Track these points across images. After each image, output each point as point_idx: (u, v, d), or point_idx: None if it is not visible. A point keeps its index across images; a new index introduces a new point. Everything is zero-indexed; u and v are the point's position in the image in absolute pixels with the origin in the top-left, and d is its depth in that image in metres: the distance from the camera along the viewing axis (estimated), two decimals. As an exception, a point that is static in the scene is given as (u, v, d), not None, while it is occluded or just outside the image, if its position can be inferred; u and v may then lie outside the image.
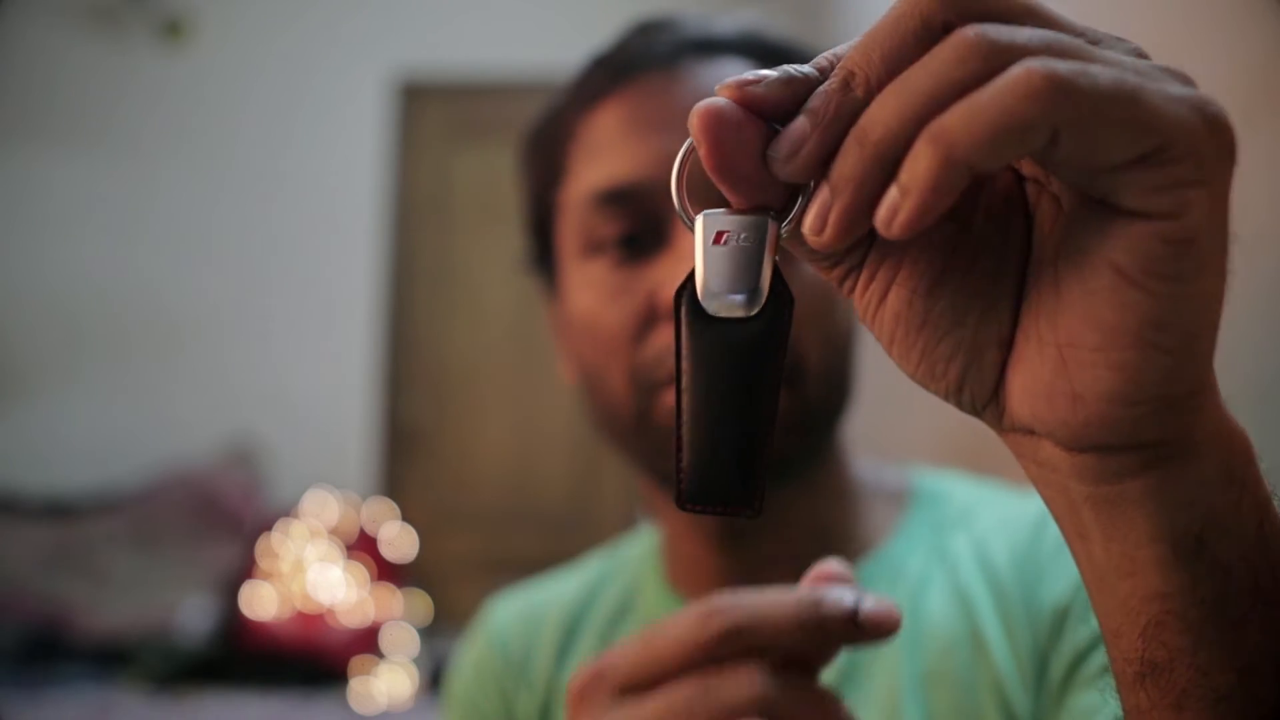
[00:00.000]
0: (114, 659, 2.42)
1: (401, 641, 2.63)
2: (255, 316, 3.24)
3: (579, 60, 0.57)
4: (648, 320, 0.50)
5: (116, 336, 3.19)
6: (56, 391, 3.15)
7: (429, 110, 3.32)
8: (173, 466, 2.99)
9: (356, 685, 2.44)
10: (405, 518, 3.16)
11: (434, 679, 2.39)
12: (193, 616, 2.56)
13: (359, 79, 3.27)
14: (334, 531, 2.86)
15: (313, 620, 2.55)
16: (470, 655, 0.64)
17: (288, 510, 2.95)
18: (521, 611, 0.63)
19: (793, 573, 0.54)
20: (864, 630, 0.31)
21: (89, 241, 3.20)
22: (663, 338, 0.50)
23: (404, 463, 3.26)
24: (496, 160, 3.28)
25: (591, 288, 0.52)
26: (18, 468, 2.99)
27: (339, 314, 3.25)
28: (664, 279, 0.49)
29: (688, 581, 0.57)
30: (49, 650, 2.41)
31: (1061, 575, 0.50)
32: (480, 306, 3.28)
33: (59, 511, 2.84)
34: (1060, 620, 0.48)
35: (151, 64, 3.21)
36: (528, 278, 0.67)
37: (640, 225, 0.50)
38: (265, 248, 3.25)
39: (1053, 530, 0.51)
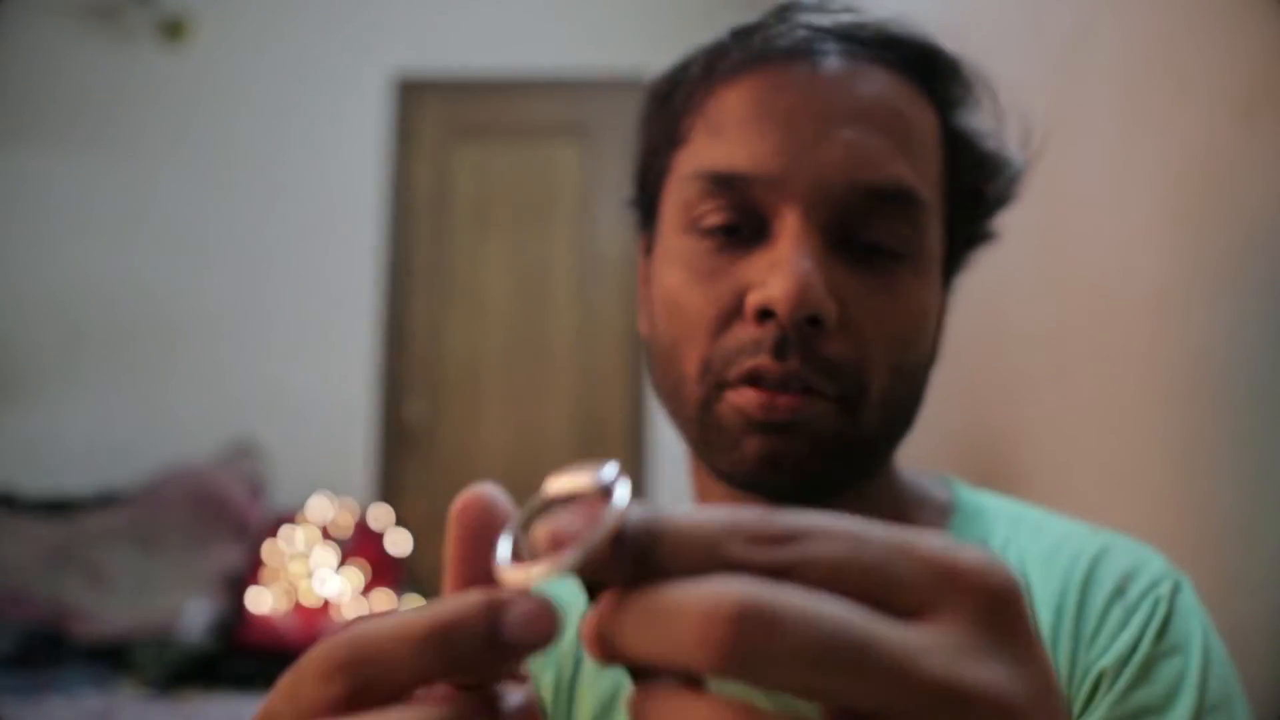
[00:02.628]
0: (115, 660, 2.42)
1: (402, 642, 2.63)
2: (255, 317, 3.24)
3: (582, 59, 0.56)
4: (730, 314, 0.50)
5: (116, 337, 3.19)
6: (57, 392, 3.15)
7: (428, 109, 3.32)
8: (173, 467, 2.98)
9: (357, 686, 2.44)
10: (405, 519, 3.16)
11: (434, 679, 2.39)
12: (194, 618, 2.56)
13: (358, 78, 3.28)
14: (334, 532, 2.86)
15: (313, 621, 2.55)
16: None
17: (288, 511, 2.95)
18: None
19: None
20: (512, 648, 0.23)
21: (89, 241, 3.20)
22: (740, 334, 0.49)
23: (404, 463, 3.26)
24: (497, 159, 3.28)
25: (683, 266, 0.52)
26: (19, 468, 2.99)
27: (339, 314, 3.25)
28: (754, 277, 0.49)
29: None
30: (50, 651, 2.40)
31: (1109, 635, 0.49)
32: (480, 307, 3.28)
33: (60, 512, 2.84)
34: (1095, 685, 0.48)
35: (151, 63, 3.21)
36: (528, 274, 0.66)
37: (743, 216, 0.50)
38: (265, 248, 3.25)
39: (1107, 580, 0.51)
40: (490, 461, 3.25)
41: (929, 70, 0.53)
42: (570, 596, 0.62)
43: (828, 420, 0.49)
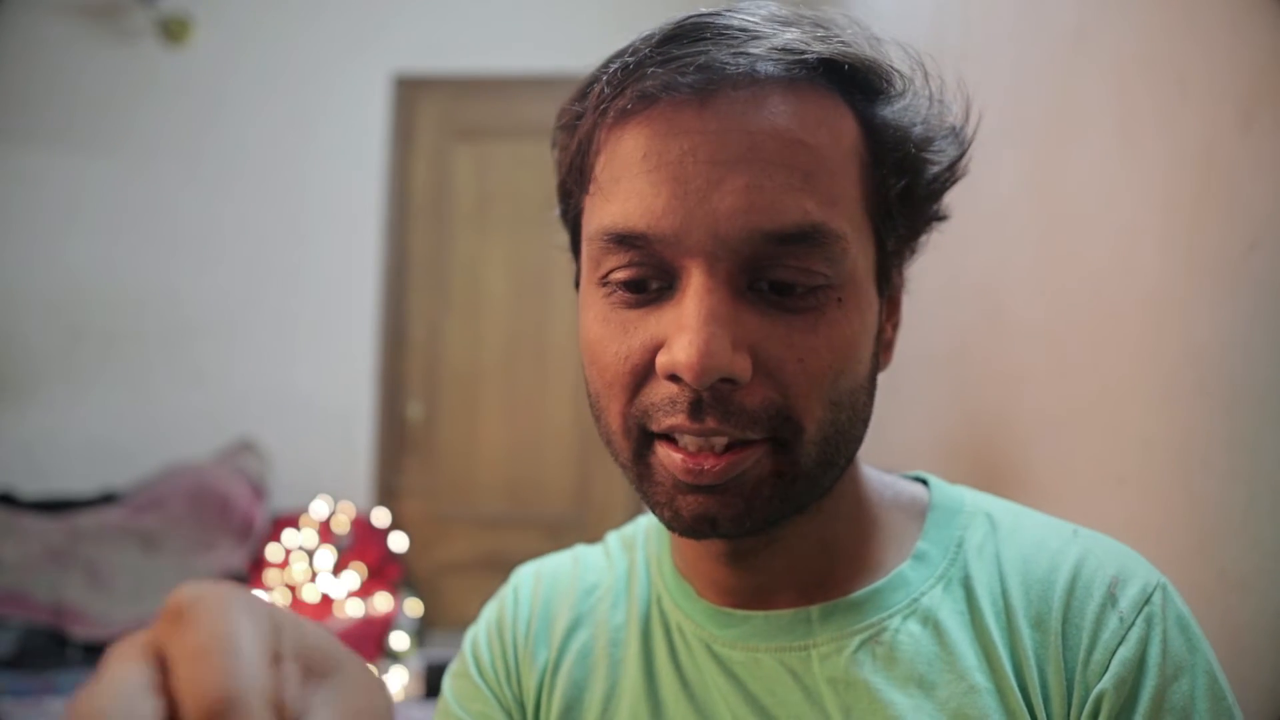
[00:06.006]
0: (114, 659, 2.42)
1: (401, 642, 2.63)
2: (255, 317, 3.24)
3: (581, 59, 0.55)
4: (645, 370, 0.49)
5: (116, 337, 3.19)
6: (57, 392, 3.16)
7: (428, 108, 3.32)
8: (174, 467, 2.99)
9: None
10: (405, 519, 3.16)
11: (433, 680, 2.39)
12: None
13: (358, 77, 3.28)
14: (334, 533, 2.86)
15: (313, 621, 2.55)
16: (490, 615, 0.66)
17: (288, 511, 2.95)
18: (547, 576, 0.66)
19: (801, 583, 0.55)
20: None
21: (89, 241, 3.20)
22: (657, 390, 0.48)
23: (404, 463, 3.26)
24: (497, 159, 3.28)
25: (598, 319, 0.51)
26: (19, 468, 2.99)
27: (339, 314, 3.25)
28: (664, 333, 0.48)
29: (698, 579, 0.58)
30: (50, 651, 2.41)
31: (1105, 650, 0.49)
32: (480, 307, 3.28)
33: (60, 512, 2.84)
34: (1097, 708, 0.48)
35: (152, 63, 3.21)
36: (528, 274, 0.66)
37: (648, 270, 0.49)
38: (265, 247, 3.26)
39: (1094, 588, 0.51)
40: (490, 462, 3.25)
41: (841, 74, 0.50)
42: (567, 578, 0.64)
43: (762, 466, 0.48)
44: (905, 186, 0.53)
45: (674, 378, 0.47)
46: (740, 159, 0.46)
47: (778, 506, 0.49)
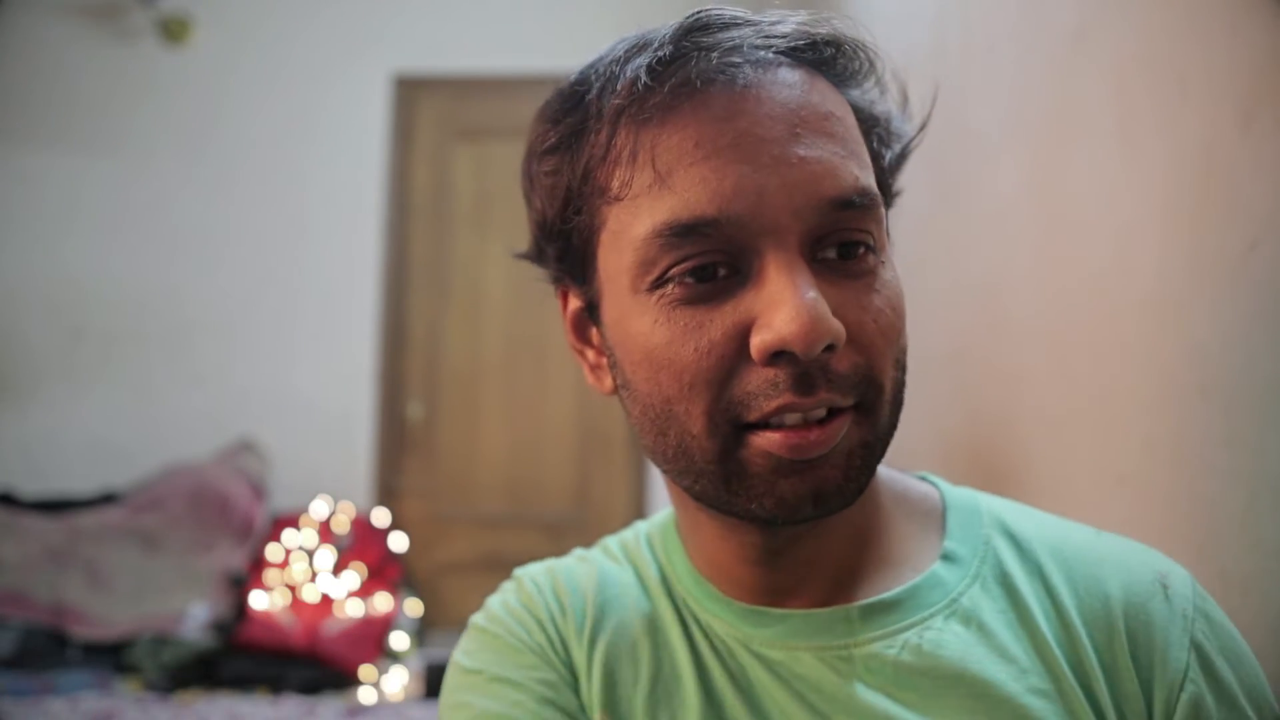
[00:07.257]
0: (115, 660, 2.42)
1: (401, 642, 2.63)
2: (255, 317, 3.24)
3: (581, 59, 0.54)
4: (732, 361, 0.48)
5: (116, 337, 3.19)
6: (57, 392, 3.16)
7: (428, 108, 3.32)
8: (174, 467, 2.99)
9: (357, 687, 2.44)
10: (405, 519, 3.16)
11: (433, 680, 2.39)
12: (194, 618, 2.56)
13: (358, 77, 3.28)
14: (334, 533, 2.86)
15: (314, 622, 2.55)
16: (507, 597, 0.62)
17: (288, 511, 2.95)
18: (562, 571, 0.63)
19: (831, 579, 0.55)
20: None
21: (89, 241, 3.20)
22: (751, 378, 0.47)
23: (404, 464, 3.26)
24: (497, 159, 3.28)
25: (660, 323, 0.49)
26: (19, 468, 2.99)
27: (339, 314, 3.25)
28: (748, 318, 0.47)
29: (721, 579, 0.57)
30: (50, 651, 2.41)
31: (1179, 647, 0.49)
32: (480, 307, 3.28)
33: (60, 512, 2.84)
34: (1196, 709, 0.48)
35: (152, 63, 3.21)
36: (528, 274, 0.65)
37: (717, 256, 0.48)
38: (265, 247, 3.26)
39: (1154, 590, 0.51)
40: (490, 462, 3.25)
41: (832, 59, 0.52)
42: (582, 574, 0.62)
43: (852, 436, 0.48)
44: (888, 165, 0.56)
45: (773, 358, 0.47)
46: (790, 135, 0.48)
47: (866, 476, 0.50)
